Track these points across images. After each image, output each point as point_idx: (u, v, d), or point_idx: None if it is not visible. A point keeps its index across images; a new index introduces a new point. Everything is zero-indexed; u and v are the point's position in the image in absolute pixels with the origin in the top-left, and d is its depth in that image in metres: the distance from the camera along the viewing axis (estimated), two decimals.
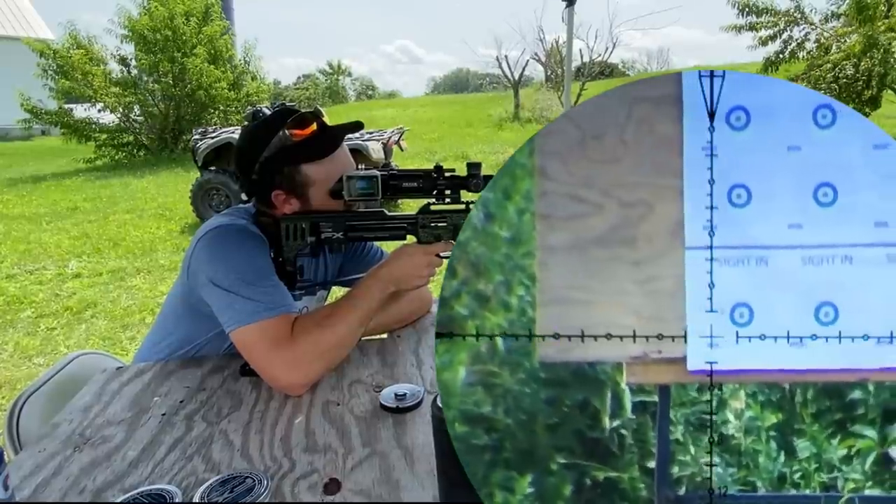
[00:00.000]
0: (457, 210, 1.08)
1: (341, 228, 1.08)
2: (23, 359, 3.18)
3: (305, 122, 1.08)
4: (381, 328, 1.23)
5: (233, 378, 1.06)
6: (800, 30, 10.83)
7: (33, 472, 0.80)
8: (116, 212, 7.19)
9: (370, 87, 49.22)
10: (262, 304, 0.99)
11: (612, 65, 21.70)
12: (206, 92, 12.27)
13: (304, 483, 0.75)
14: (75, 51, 11.95)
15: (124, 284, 4.40)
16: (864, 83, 9.65)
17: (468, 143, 12.83)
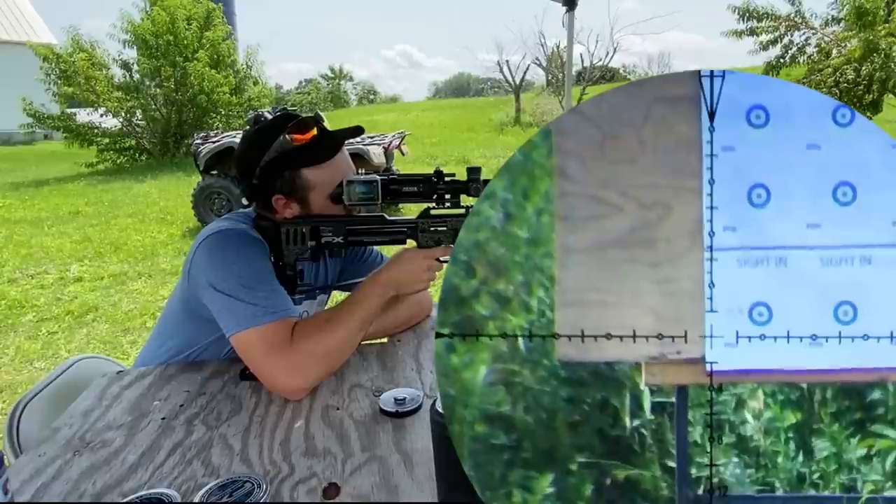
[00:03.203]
0: (457, 214, 1.08)
1: (341, 233, 1.08)
2: (24, 363, 3.18)
3: (306, 126, 1.08)
4: (381, 332, 1.23)
5: (233, 382, 1.06)
6: (800, 34, 10.86)
7: (33, 476, 0.80)
8: (118, 216, 7.21)
9: (372, 92, 49.37)
10: (260, 308, 0.99)
11: (612, 69, 21.74)
12: (207, 97, 12.31)
13: (304, 487, 0.75)
14: (78, 55, 12.00)
15: (125, 288, 4.41)
16: (864, 87, 9.66)
17: (469, 148, 12.85)
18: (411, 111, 22.74)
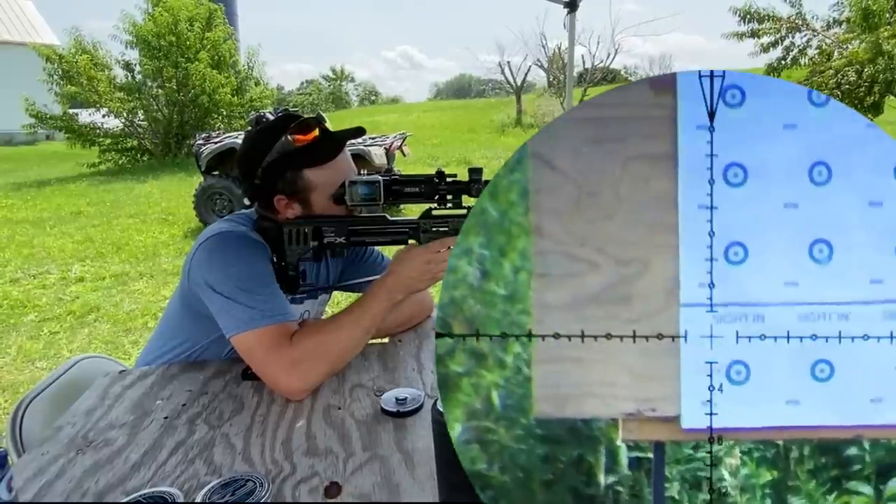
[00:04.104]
0: (458, 215, 1.08)
1: (344, 233, 1.09)
2: (26, 362, 3.19)
3: (308, 127, 1.09)
4: (383, 333, 1.23)
5: (235, 382, 1.06)
6: (801, 36, 10.85)
7: (36, 475, 0.80)
8: (120, 216, 7.22)
9: (373, 93, 49.40)
10: (258, 311, 1.00)
11: (614, 71, 21.74)
12: (209, 97, 12.33)
13: (305, 486, 0.76)
14: (80, 56, 12.03)
15: (127, 289, 4.42)
16: (866, 89, 9.66)
17: (470, 149, 12.86)
18: (412, 112, 22.76)
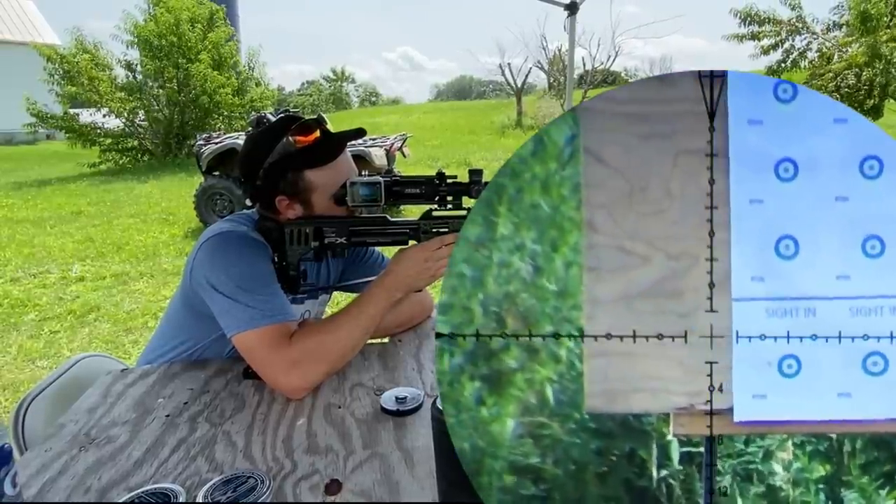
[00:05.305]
0: (458, 216, 1.09)
1: (345, 233, 1.10)
2: (26, 361, 3.20)
3: (308, 128, 1.09)
4: (383, 332, 1.24)
5: (236, 381, 1.07)
6: (801, 39, 10.88)
7: (40, 471, 0.81)
8: (120, 216, 7.22)
9: (373, 94, 49.41)
10: (258, 311, 1.01)
11: (614, 73, 21.75)
12: (210, 98, 12.35)
13: (306, 484, 0.76)
14: (81, 56, 12.05)
15: (127, 288, 4.42)
16: (865, 92, 9.67)
17: (471, 150, 12.87)
18: (413, 113, 22.77)
